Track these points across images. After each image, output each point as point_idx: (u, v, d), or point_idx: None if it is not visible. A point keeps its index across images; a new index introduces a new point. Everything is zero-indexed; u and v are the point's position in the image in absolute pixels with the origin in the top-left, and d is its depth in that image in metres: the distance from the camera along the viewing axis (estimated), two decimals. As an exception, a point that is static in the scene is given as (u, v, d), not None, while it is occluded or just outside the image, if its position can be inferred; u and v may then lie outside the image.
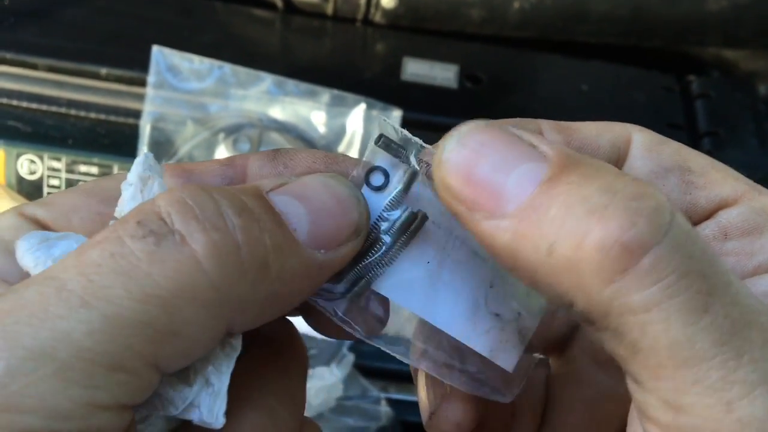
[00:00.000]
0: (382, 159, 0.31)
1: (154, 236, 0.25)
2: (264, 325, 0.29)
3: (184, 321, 0.25)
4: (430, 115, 0.88)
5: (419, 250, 0.31)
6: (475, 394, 0.33)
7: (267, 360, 0.31)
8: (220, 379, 0.27)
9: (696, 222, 0.33)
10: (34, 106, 0.82)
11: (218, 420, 0.26)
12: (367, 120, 0.81)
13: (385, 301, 0.32)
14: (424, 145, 0.31)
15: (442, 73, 0.92)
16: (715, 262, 0.25)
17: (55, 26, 0.87)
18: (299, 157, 0.32)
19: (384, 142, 0.30)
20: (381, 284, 0.31)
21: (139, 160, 0.29)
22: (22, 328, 0.23)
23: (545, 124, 0.33)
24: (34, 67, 0.84)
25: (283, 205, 0.28)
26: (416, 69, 0.92)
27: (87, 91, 0.84)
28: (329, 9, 0.95)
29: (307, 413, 0.34)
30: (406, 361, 0.33)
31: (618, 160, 0.33)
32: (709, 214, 0.32)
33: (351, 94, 0.82)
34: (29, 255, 0.28)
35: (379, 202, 0.31)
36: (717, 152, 0.90)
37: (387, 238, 0.30)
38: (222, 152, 0.80)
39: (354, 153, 0.81)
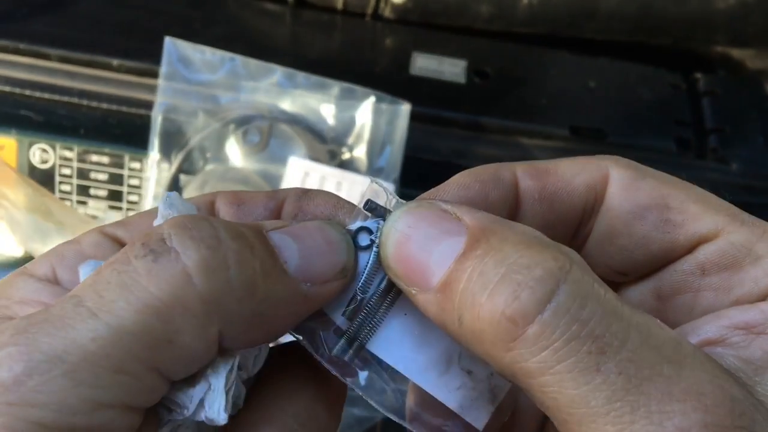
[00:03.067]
0: (371, 222, 0.33)
1: (153, 254, 0.28)
2: (297, 350, 0.33)
3: (176, 329, 0.27)
4: (438, 110, 0.89)
5: (401, 307, 0.33)
6: None
7: (296, 382, 0.33)
8: (217, 379, 0.30)
9: (676, 258, 0.34)
10: (46, 96, 0.83)
11: (220, 416, 0.29)
12: (376, 113, 0.82)
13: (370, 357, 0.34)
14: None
15: (450, 68, 0.92)
16: (611, 320, 0.26)
17: (68, 17, 0.88)
18: (317, 200, 0.35)
19: (370, 206, 0.33)
20: (373, 344, 0.33)
21: (162, 199, 0.33)
22: (41, 336, 0.26)
23: (521, 170, 0.35)
24: (46, 57, 0.85)
25: (278, 240, 0.30)
26: (425, 63, 0.92)
27: (99, 81, 0.84)
28: (339, 3, 0.95)
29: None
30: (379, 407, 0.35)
31: (595, 201, 0.34)
32: (688, 251, 0.33)
33: (360, 87, 0.83)
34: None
35: (366, 261, 0.33)
36: (724, 149, 0.91)
37: (374, 299, 0.33)
38: (232, 144, 0.81)
39: (363, 145, 0.82)
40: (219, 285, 0.28)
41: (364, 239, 0.33)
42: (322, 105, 0.82)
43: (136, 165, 0.82)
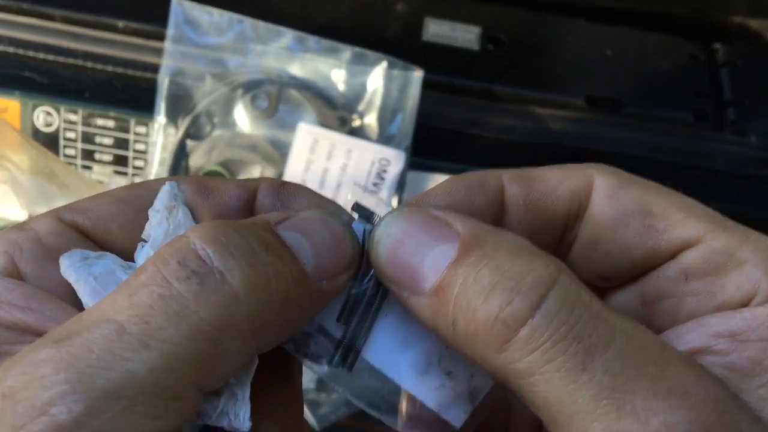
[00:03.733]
0: (357, 223, 0.34)
1: (197, 276, 0.28)
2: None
3: (224, 350, 0.28)
4: (452, 77, 0.87)
5: (383, 310, 0.34)
6: None
7: (275, 377, 0.34)
8: (242, 389, 0.31)
9: (659, 264, 0.34)
10: (50, 57, 0.82)
11: (245, 424, 0.30)
12: (388, 79, 0.80)
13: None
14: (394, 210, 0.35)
15: (463, 35, 0.90)
16: (597, 322, 0.28)
17: (73, -23, 0.86)
18: (299, 197, 0.35)
19: (357, 209, 0.34)
20: (367, 352, 0.34)
21: (165, 189, 0.34)
22: (94, 371, 0.25)
23: (507, 176, 0.36)
24: (51, 18, 0.83)
25: (293, 240, 0.31)
26: (438, 30, 0.90)
27: (104, 43, 0.83)
28: (350, -34, 0.93)
29: (314, 378, 0.35)
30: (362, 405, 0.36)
31: (579, 208, 0.35)
32: (671, 256, 0.34)
33: (372, 52, 0.81)
34: (71, 271, 0.32)
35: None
36: (742, 122, 0.89)
37: (365, 303, 0.33)
38: (240, 109, 0.80)
39: (374, 112, 0.80)
40: (262, 301, 0.29)
41: None
42: (333, 70, 0.80)
43: (141, 129, 0.81)
